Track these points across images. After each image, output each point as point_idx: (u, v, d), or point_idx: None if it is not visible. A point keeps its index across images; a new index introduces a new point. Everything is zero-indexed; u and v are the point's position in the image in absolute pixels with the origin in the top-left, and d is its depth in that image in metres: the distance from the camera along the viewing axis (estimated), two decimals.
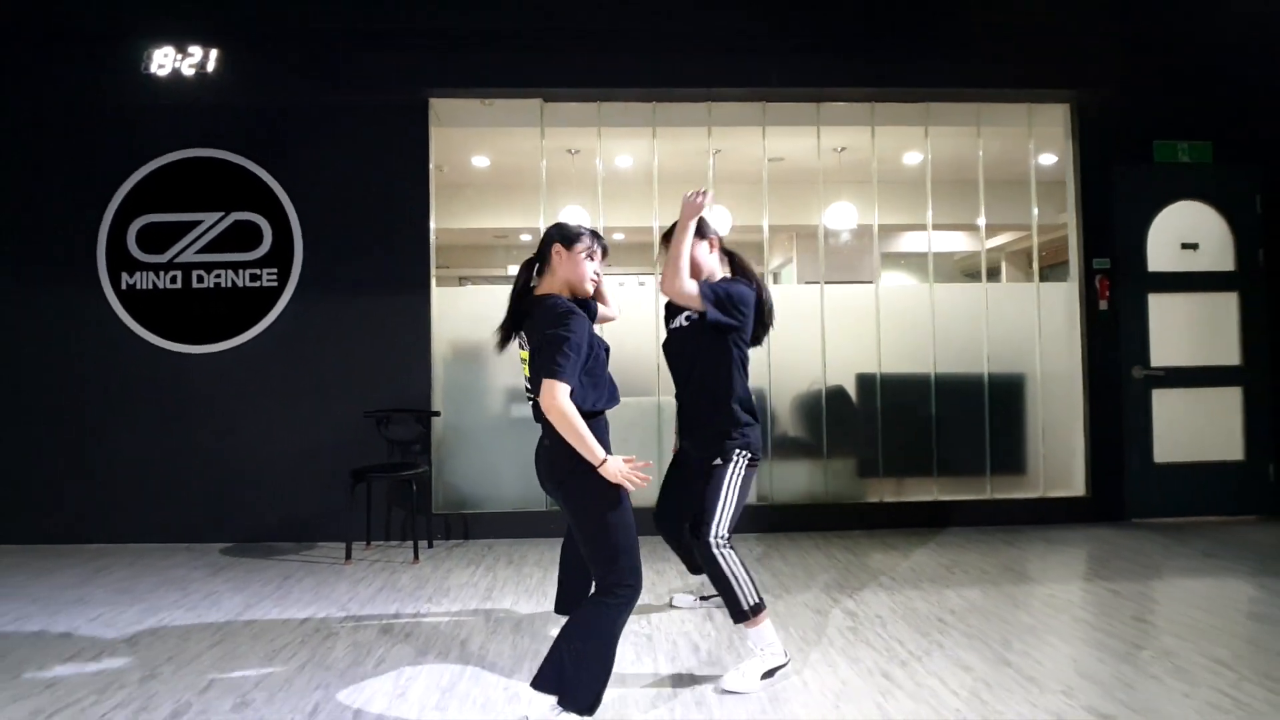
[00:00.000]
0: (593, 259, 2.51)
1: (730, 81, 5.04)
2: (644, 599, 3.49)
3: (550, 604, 3.52)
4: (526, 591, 3.78)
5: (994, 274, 9.71)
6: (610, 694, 2.43)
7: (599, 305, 2.78)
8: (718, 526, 2.76)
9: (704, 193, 2.84)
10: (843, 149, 6.24)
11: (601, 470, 2.29)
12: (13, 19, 4.88)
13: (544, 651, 2.90)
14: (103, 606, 3.59)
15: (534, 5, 4.95)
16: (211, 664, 2.90)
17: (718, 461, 2.86)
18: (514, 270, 2.61)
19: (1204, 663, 2.80)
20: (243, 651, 3.02)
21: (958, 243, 9.17)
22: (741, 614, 2.72)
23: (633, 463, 2.35)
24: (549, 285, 2.48)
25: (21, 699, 2.62)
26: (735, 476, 2.84)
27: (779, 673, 2.71)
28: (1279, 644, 2.98)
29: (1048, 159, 5.43)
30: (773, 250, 9.49)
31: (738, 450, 2.86)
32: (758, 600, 2.73)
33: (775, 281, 9.71)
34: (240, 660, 2.93)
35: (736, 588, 2.72)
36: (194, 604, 3.64)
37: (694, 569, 3.43)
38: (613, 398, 2.49)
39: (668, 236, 2.96)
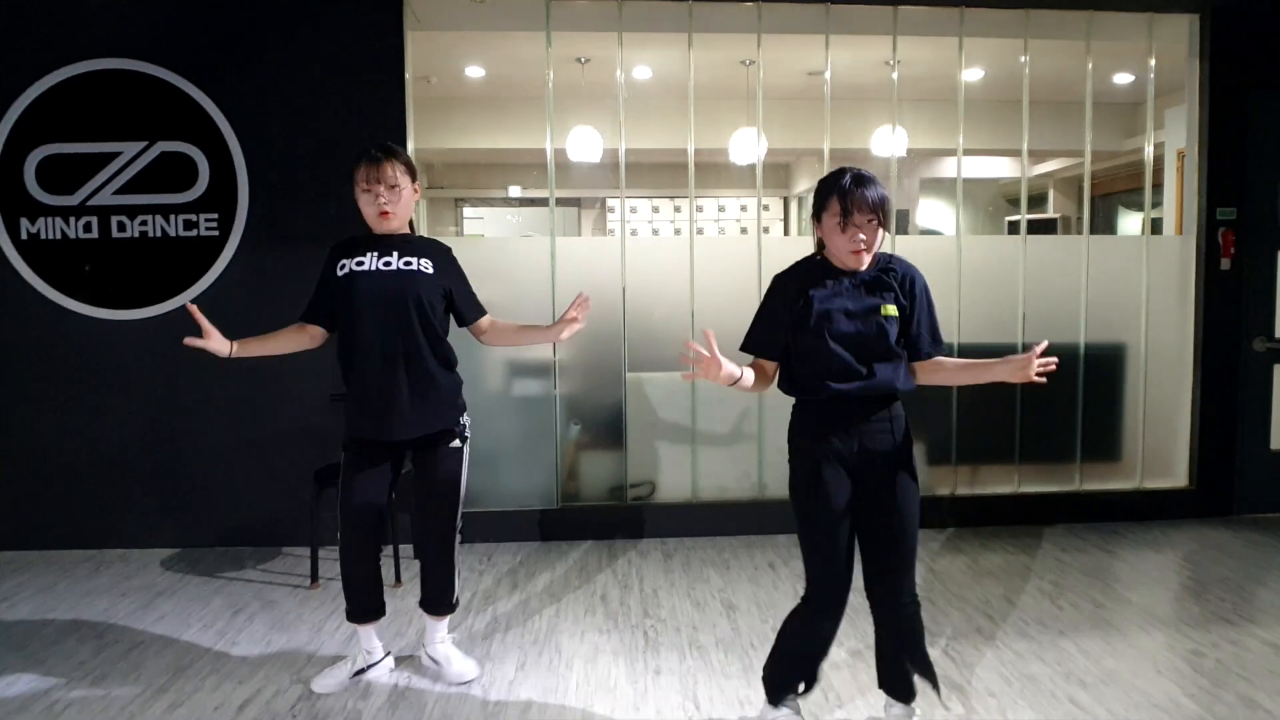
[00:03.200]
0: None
1: None
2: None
3: (560, 679, 2.76)
4: (534, 645, 3.01)
5: (1038, 202, 8.70)
6: None
7: None
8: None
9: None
10: (897, 61, 5.17)
11: None
12: None
13: None
14: None
15: None
16: None
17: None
18: (515, 191, 1.73)
19: None
20: None
21: (1002, 169, 8.18)
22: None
23: None
24: None
25: None
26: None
27: None
28: None
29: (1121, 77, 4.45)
30: (801, 175, 8.44)
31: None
32: None
33: (800, 207, 8.73)
34: None
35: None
36: (106, 667, 2.81)
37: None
38: None
39: None
